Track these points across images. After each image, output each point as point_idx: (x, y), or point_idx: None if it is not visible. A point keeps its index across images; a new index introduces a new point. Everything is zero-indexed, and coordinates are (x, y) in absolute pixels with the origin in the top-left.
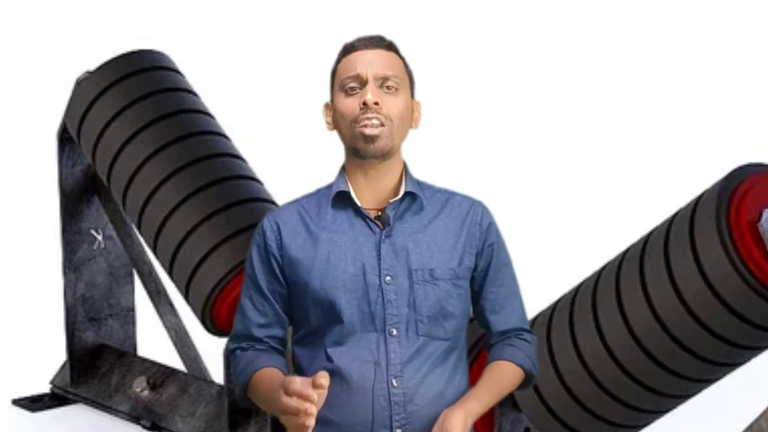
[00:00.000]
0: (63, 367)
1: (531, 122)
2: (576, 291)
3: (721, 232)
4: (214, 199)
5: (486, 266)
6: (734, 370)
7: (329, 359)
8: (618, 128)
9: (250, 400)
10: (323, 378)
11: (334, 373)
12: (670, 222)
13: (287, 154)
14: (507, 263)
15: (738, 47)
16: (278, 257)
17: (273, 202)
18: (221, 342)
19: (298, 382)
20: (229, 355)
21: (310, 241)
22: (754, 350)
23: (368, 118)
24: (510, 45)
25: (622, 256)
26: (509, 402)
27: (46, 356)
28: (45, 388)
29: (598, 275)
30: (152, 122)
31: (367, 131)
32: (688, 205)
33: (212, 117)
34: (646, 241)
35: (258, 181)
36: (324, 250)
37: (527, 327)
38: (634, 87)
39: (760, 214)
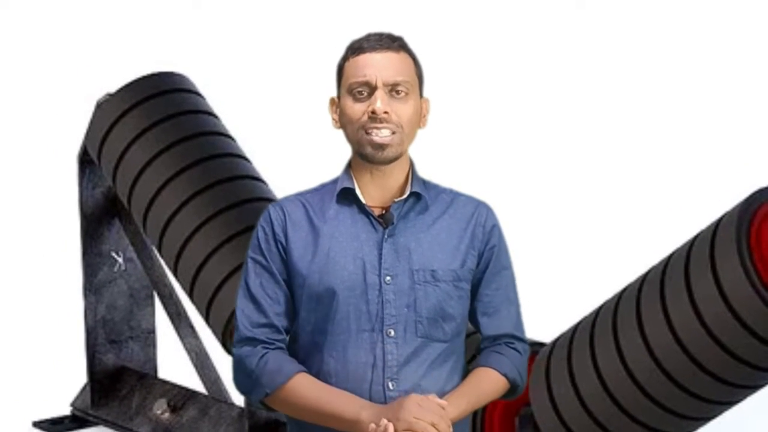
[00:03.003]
0: (83, 389)
1: (531, 122)
2: (597, 313)
3: (742, 255)
4: (235, 222)
5: (484, 268)
6: (755, 392)
7: (325, 359)
8: (619, 129)
9: (266, 405)
10: None
11: (330, 374)
12: (691, 244)
13: (290, 153)
14: (507, 267)
15: (744, 48)
16: (284, 244)
17: None
18: None
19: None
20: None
21: (312, 236)
22: None
23: (377, 128)
24: (510, 45)
25: (643, 278)
26: (529, 423)
27: (67, 378)
28: (66, 410)
29: (619, 297)
30: (173, 144)
31: (377, 140)
32: (708, 228)
33: (233, 139)
34: (666, 263)
35: None
36: (325, 246)
37: (520, 335)
38: (635, 88)
39: None
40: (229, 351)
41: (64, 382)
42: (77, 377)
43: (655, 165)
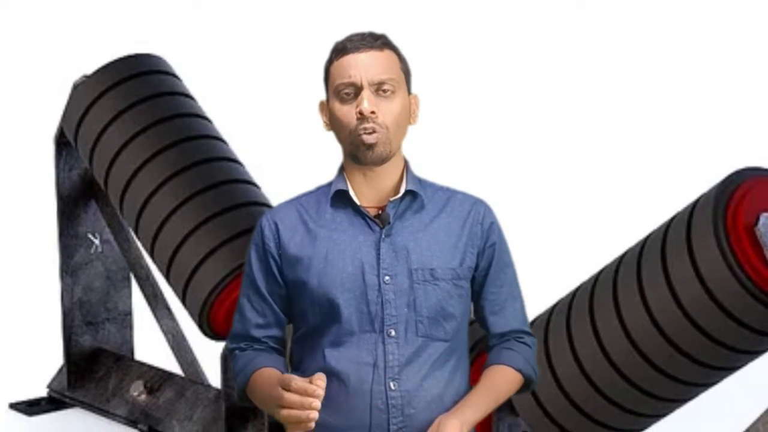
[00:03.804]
0: (60, 371)
1: (531, 122)
2: (573, 295)
3: (718, 237)
4: (211, 203)
5: (487, 266)
6: (732, 374)
7: (327, 360)
8: (619, 128)
9: (249, 400)
10: (320, 380)
11: (332, 375)
12: (667, 226)
13: (287, 154)
14: (509, 264)
15: (739, 48)
16: (276, 256)
17: (270, 206)
18: (218, 346)
19: (298, 379)
20: (227, 356)
21: (309, 240)
22: (751, 354)
23: (365, 128)
24: (510, 44)
25: (620, 260)
26: (506, 406)
27: (43, 360)
28: (42, 392)
29: (596, 279)
30: (149, 126)
31: (367, 139)
32: (685, 209)
33: (209, 121)
34: (643, 245)
35: (255, 185)
36: (323, 249)
37: (527, 329)
38: (634, 87)
39: (758, 218)
40: (205, 333)
41: (41, 363)
42: (54, 359)
43: (652, 161)
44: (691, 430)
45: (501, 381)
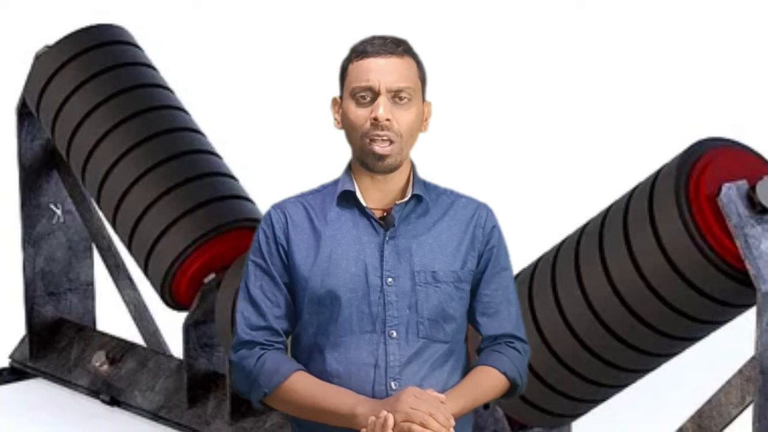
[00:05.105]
0: (22, 341)
1: (532, 122)
2: (535, 265)
3: (681, 207)
4: (173, 174)
5: (483, 268)
6: (693, 344)
7: (327, 360)
8: (619, 128)
9: (264, 403)
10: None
11: (333, 375)
12: (630, 196)
13: (287, 153)
14: (506, 268)
15: (736, 47)
16: (285, 247)
17: (232, 177)
18: (180, 316)
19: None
20: (236, 347)
21: (314, 238)
22: (713, 324)
23: (379, 135)
24: (511, 45)
25: (582, 231)
26: None
27: (5, 330)
28: (4, 362)
29: (558, 249)
30: (111, 96)
31: (378, 149)
32: (647, 180)
33: (171, 91)
34: (605, 215)
35: (217, 155)
36: (327, 248)
37: (521, 336)
38: (634, 87)
39: (720, 188)
40: (167, 303)
41: (3, 334)
42: (15, 329)
43: (654, 163)
44: (654, 400)
45: (484, 381)
